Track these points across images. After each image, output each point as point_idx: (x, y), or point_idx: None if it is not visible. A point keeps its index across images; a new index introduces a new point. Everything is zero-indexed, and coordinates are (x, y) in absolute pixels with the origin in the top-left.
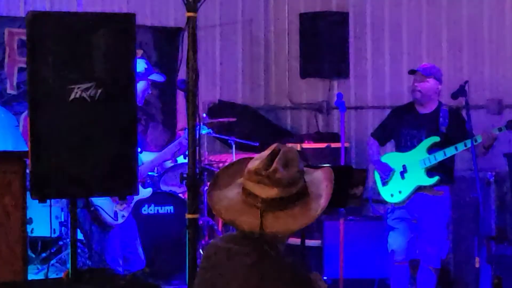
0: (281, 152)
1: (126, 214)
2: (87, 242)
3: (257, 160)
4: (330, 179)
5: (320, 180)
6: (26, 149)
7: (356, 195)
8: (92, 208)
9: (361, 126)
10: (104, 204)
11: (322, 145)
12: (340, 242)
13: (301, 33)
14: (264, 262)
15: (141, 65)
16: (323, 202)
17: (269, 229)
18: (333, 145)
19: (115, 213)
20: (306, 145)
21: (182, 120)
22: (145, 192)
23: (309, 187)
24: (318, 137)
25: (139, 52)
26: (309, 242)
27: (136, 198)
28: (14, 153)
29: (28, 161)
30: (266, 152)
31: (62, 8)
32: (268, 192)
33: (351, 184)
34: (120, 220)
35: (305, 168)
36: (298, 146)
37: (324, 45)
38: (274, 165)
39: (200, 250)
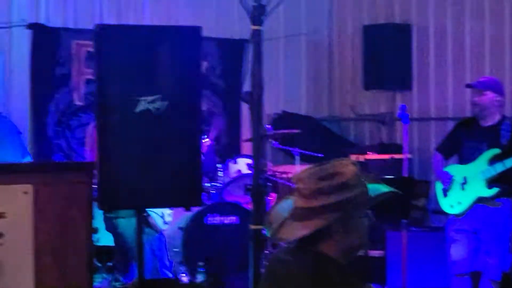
0: (327, 165)
1: (171, 220)
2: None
3: (306, 170)
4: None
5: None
6: (28, 157)
7: (418, 206)
8: (144, 214)
9: (424, 137)
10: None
11: (385, 157)
12: (403, 253)
13: (365, 45)
14: (319, 275)
15: None
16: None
17: (279, 235)
18: (396, 156)
19: (163, 218)
20: (369, 157)
21: (246, 132)
22: None
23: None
24: (381, 148)
25: (204, 64)
26: (372, 253)
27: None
28: (82, 164)
29: (96, 172)
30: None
31: (128, 21)
32: (297, 201)
33: (413, 195)
34: (165, 226)
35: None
36: (361, 157)
37: (387, 57)
38: (312, 177)
39: (264, 261)
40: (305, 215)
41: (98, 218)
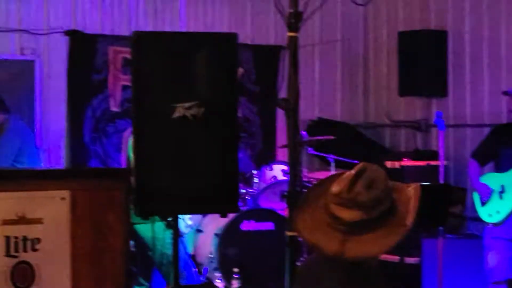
0: (365, 172)
1: (191, 223)
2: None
3: (341, 182)
4: (416, 198)
5: (409, 198)
6: (41, 165)
7: (455, 213)
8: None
9: (460, 144)
10: None
11: (421, 163)
12: (439, 260)
13: (400, 51)
14: (351, 286)
15: None
16: (408, 223)
17: (350, 254)
18: (432, 163)
19: (184, 221)
20: (404, 163)
21: (282, 138)
22: None
23: (398, 205)
24: (416, 155)
25: (240, 71)
26: (408, 260)
27: None
28: (119, 170)
29: (132, 178)
30: (351, 173)
31: (165, 28)
32: (351, 215)
33: (450, 202)
34: (187, 230)
35: (396, 184)
36: (396, 164)
37: (423, 63)
38: (357, 187)
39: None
40: (367, 227)
41: None
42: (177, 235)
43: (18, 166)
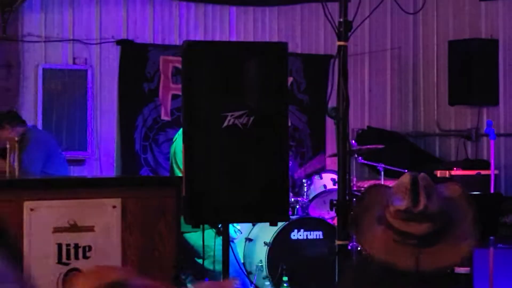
0: (420, 182)
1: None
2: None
3: (402, 197)
4: (468, 200)
5: (454, 200)
6: (67, 173)
7: (506, 223)
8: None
9: (510, 153)
10: None
11: (472, 173)
12: (490, 270)
13: (450, 60)
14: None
15: None
16: (473, 224)
17: (427, 267)
18: (483, 172)
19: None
20: (455, 172)
21: (331, 147)
22: None
23: (452, 210)
24: (467, 164)
25: (290, 80)
26: (458, 269)
27: None
28: (170, 179)
29: (183, 187)
30: (404, 185)
31: (215, 37)
32: (421, 228)
33: (501, 212)
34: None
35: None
36: (447, 173)
37: (473, 72)
38: (421, 199)
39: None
40: (439, 237)
41: None
42: (228, 244)
43: (49, 172)
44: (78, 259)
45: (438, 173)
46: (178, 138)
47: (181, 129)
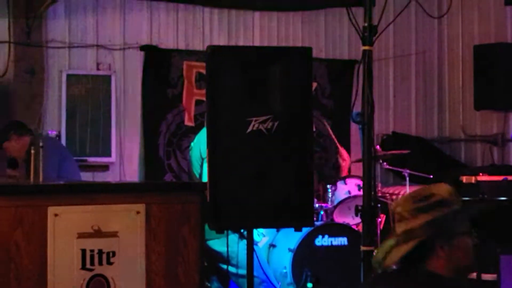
0: (421, 189)
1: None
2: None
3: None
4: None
5: None
6: (80, 178)
7: None
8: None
9: None
10: None
11: (498, 178)
12: None
13: (475, 65)
14: None
15: None
16: None
17: (385, 262)
18: (509, 178)
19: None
20: (481, 178)
21: (356, 152)
22: None
23: None
24: (493, 169)
25: (314, 85)
26: (485, 277)
27: None
28: (193, 184)
29: (207, 192)
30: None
31: (238, 42)
32: (397, 227)
33: None
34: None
35: None
36: (472, 179)
37: (499, 77)
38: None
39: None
40: (408, 237)
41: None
42: (252, 249)
43: (63, 177)
44: (102, 264)
45: (464, 179)
46: (194, 146)
47: (196, 138)
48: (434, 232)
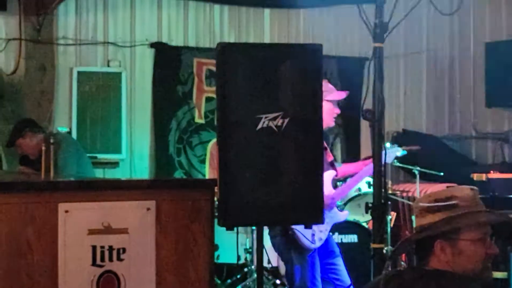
0: (447, 188)
1: (323, 237)
2: (289, 270)
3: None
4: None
5: None
6: (94, 174)
7: None
8: (290, 232)
9: None
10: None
11: (509, 176)
12: None
13: (487, 62)
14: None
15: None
16: None
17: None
18: None
19: (313, 236)
20: (492, 175)
21: (366, 150)
22: (342, 216)
23: None
24: (504, 167)
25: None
26: (496, 274)
27: (334, 220)
28: (204, 181)
29: (216, 189)
30: None
31: (249, 39)
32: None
33: None
34: (318, 244)
35: None
36: (483, 176)
37: (510, 74)
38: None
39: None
40: (417, 234)
41: (219, 235)
42: (261, 245)
43: (81, 175)
44: (112, 261)
45: (475, 176)
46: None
47: None
48: (436, 233)
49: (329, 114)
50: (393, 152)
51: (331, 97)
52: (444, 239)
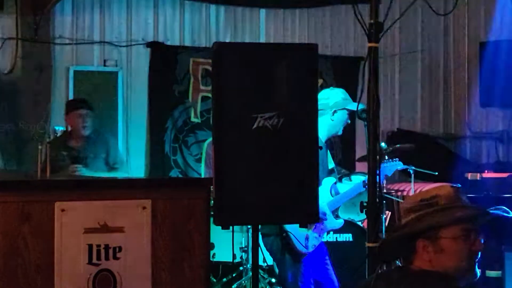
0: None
1: (317, 244)
2: (280, 271)
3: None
4: None
5: None
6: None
7: None
8: (284, 235)
9: None
10: (295, 230)
11: (503, 175)
12: None
13: (481, 62)
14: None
15: (339, 95)
16: None
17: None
18: None
19: (306, 241)
20: (486, 175)
21: (361, 149)
22: (336, 223)
23: None
24: (498, 166)
25: (319, 82)
26: (490, 273)
27: (328, 227)
28: (200, 180)
29: (212, 188)
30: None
31: (244, 39)
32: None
33: None
34: (310, 249)
35: None
36: (478, 176)
37: (505, 74)
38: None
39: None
40: (391, 234)
41: (215, 233)
42: (257, 244)
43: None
44: (109, 259)
45: (469, 176)
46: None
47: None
48: (417, 231)
49: (342, 123)
50: (393, 166)
51: (352, 106)
52: (425, 238)
